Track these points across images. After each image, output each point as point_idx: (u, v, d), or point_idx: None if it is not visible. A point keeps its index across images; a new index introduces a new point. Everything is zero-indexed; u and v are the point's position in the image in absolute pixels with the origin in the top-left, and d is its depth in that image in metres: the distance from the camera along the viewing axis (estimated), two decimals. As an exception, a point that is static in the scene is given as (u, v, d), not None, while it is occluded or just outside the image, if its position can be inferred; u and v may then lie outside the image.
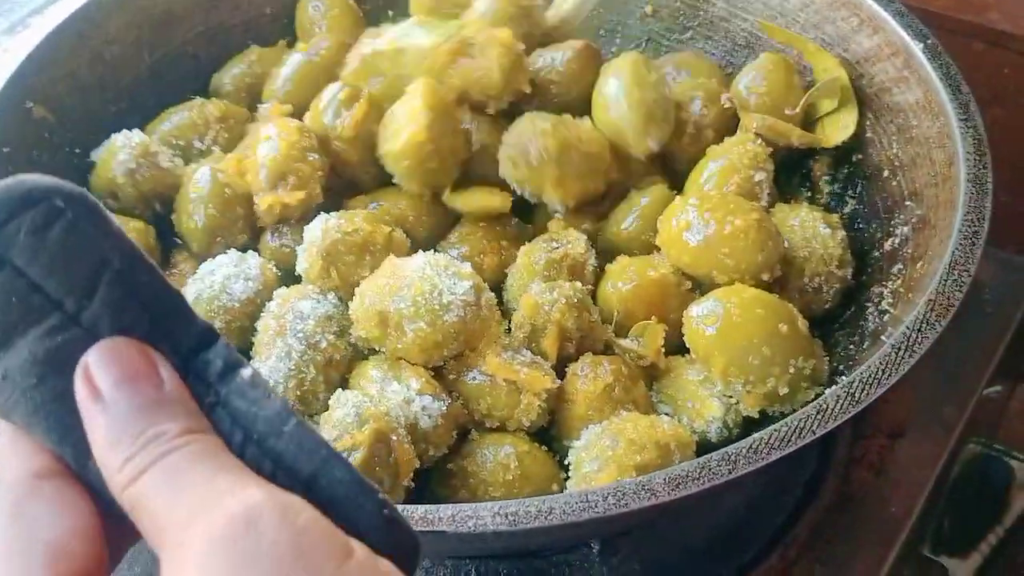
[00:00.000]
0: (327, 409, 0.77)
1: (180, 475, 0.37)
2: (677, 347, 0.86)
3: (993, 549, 1.09)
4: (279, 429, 0.39)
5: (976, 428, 1.03)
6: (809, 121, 1.00)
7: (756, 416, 0.81)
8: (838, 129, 0.98)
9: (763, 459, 0.66)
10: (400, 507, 0.64)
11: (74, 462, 0.40)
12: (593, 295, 0.88)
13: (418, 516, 0.64)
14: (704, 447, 0.80)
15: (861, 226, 0.93)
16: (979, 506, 1.09)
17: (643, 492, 0.65)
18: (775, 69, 0.99)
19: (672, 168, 0.97)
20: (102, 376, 0.39)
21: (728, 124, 0.97)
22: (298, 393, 0.80)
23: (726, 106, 0.96)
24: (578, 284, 0.85)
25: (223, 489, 0.36)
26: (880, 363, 0.71)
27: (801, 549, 0.91)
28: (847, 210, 0.96)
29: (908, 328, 0.72)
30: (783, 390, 0.79)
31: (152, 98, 1.05)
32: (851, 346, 0.84)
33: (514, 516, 0.64)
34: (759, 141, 0.93)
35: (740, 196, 0.89)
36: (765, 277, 0.84)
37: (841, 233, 0.90)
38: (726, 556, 0.91)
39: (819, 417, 0.68)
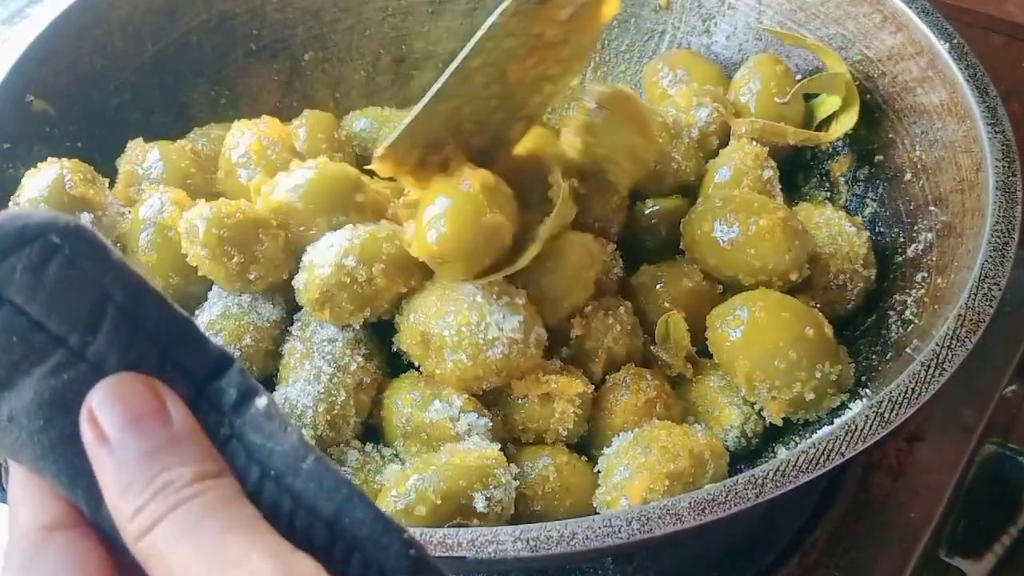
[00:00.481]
0: (357, 437, 0.76)
1: (193, 531, 0.35)
2: (700, 353, 0.85)
3: (1007, 549, 1.07)
4: (297, 466, 0.37)
5: (993, 428, 1.02)
6: (816, 121, 0.98)
7: (780, 423, 0.80)
8: (838, 125, 0.97)
9: (791, 482, 0.65)
10: (416, 530, 0.64)
11: (87, 507, 0.38)
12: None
13: (436, 540, 0.62)
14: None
15: (882, 230, 0.92)
16: (993, 506, 1.08)
17: (668, 517, 0.63)
18: (767, 69, 0.99)
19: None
20: (107, 418, 0.37)
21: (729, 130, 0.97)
22: (328, 418, 0.76)
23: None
24: (628, 306, 0.84)
25: (233, 558, 0.35)
26: (909, 381, 0.69)
27: (819, 556, 0.89)
28: (867, 212, 0.94)
29: (938, 344, 0.71)
30: (809, 396, 0.78)
31: (155, 89, 1.03)
32: (873, 355, 0.82)
33: (535, 542, 0.62)
34: (755, 143, 0.92)
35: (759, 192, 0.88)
36: (794, 277, 0.83)
37: (866, 233, 0.89)
38: (743, 564, 0.90)
39: (848, 438, 0.67)
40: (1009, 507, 1.08)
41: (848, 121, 0.95)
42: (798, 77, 1.00)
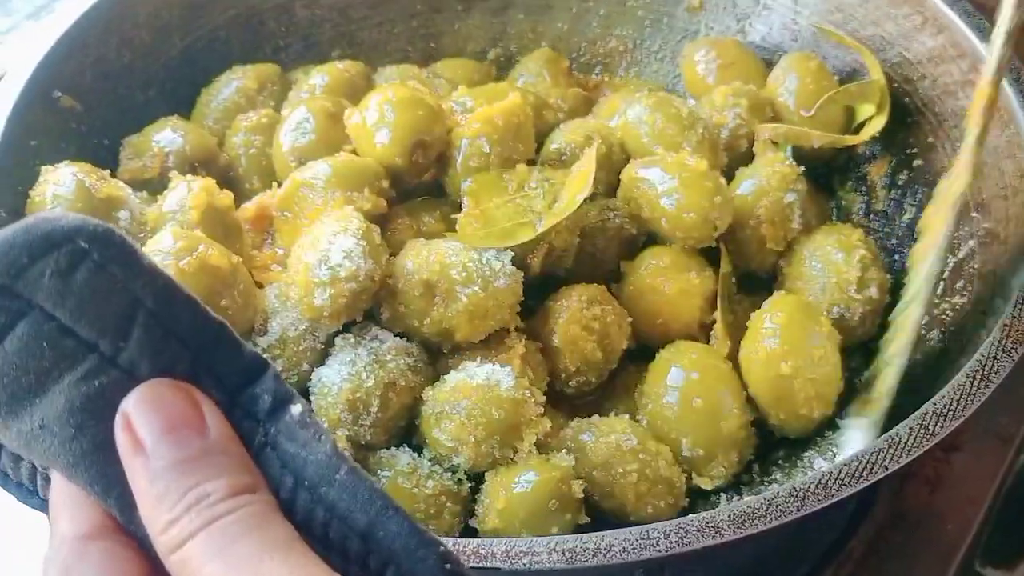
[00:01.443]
0: (378, 428, 0.76)
1: (228, 549, 0.34)
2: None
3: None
4: (331, 477, 0.36)
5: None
6: (854, 124, 0.97)
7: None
8: (868, 128, 0.95)
9: (833, 495, 0.64)
10: (450, 540, 0.62)
11: (120, 514, 0.37)
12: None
13: (471, 551, 0.61)
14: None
15: (922, 235, 0.90)
16: (1025, 516, 1.06)
17: (707, 530, 0.62)
18: (802, 66, 0.98)
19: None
20: (143, 426, 0.36)
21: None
22: (349, 398, 0.75)
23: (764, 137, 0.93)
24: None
25: None
26: (954, 393, 0.68)
27: (855, 567, 0.88)
28: (906, 217, 0.93)
29: (983, 355, 0.69)
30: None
31: (183, 85, 1.02)
32: (916, 366, 0.80)
33: (571, 553, 0.61)
34: (789, 161, 0.90)
35: (771, 219, 0.87)
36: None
37: (859, 252, 0.85)
38: (777, 575, 0.88)
39: (891, 451, 0.65)
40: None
41: (877, 124, 0.94)
42: (834, 78, 0.98)
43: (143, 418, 0.36)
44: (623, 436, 0.76)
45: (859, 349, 0.85)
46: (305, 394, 0.78)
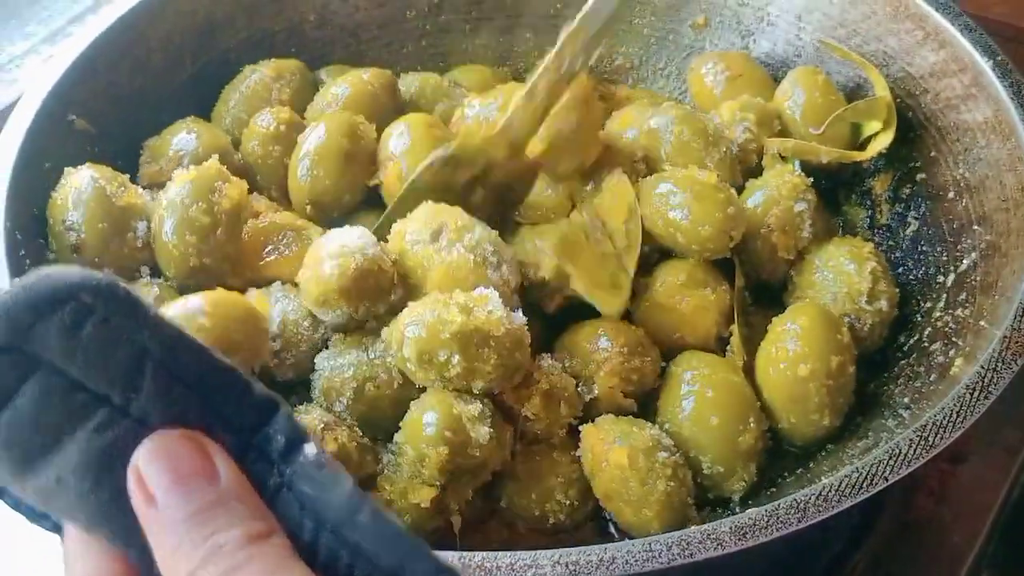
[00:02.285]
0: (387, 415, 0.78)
1: None
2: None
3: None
4: (352, 518, 0.36)
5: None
6: (860, 140, 0.97)
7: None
8: (875, 144, 0.96)
9: (834, 507, 0.64)
10: (455, 554, 0.63)
11: (142, 565, 0.38)
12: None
13: (475, 564, 0.62)
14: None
15: (925, 249, 0.90)
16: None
17: (709, 541, 0.63)
18: (809, 80, 0.99)
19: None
20: (153, 478, 0.36)
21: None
22: (354, 385, 0.78)
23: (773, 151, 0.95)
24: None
25: None
26: (954, 404, 0.68)
27: (860, 580, 0.88)
28: (909, 231, 0.93)
29: (983, 367, 0.70)
30: None
31: (194, 107, 1.03)
32: (916, 378, 0.81)
33: (575, 566, 0.62)
34: (798, 172, 0.91)
35: (782, 228, 0.88)
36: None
37: (871, 264, 0.86)
38: (782, 587, 0.89)
39: (891, 463, 0.66)
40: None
41: (884, 140, 0.94)
42: (839, 93, 0.99)
43: (153, 471, 0.36)
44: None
45: (863, 362, 0.85)
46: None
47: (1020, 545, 0.98)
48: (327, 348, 0.82)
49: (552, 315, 0.86)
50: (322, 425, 0.76)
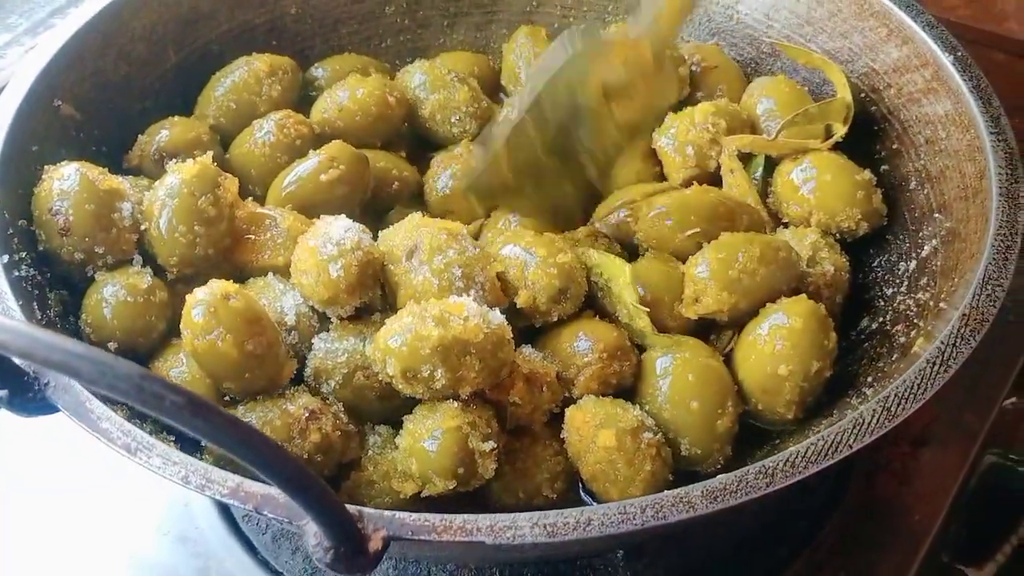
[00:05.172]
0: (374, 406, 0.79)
1: None
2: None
3: (1009, 558, 1.09)
4: None
5: (994, 439, 1.03)
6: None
7: None
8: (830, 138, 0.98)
9: (800, 473, 0.67)
10: (436, 516, 0.65)
11: None
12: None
13: (456, 526, 0.64)
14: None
15: (888, 237, 0.94)
16: (995, 516, 1.09)
17: (681, 504, 0.65)
18: (781, 90, 1.02)
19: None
20: None
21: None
22: (344, 371, 0.80)
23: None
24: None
25: None
26: (915, 377, 0.71)
27: (826, 556, 0.91)
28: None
29: (943, 343, 0.73)
30: None
31: (178, 96, 1.06)
32: (879, 359, 0.84)
33: (552, 527, 0.64)
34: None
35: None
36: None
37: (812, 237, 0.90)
38: (751, 561, 0.91)
39: (855, 431, 0.69)
40: (1011, 516, 1.10)
41: (840, 132, 0.97)
42: (805, 88, 1.03)
43: None
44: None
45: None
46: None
47: (977, 525, 1.01)
48: (327, 331, 0.83)
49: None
50: (307, 414, 0.77)
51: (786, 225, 0.94)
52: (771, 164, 0.98)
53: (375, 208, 0.99)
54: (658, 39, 0.88)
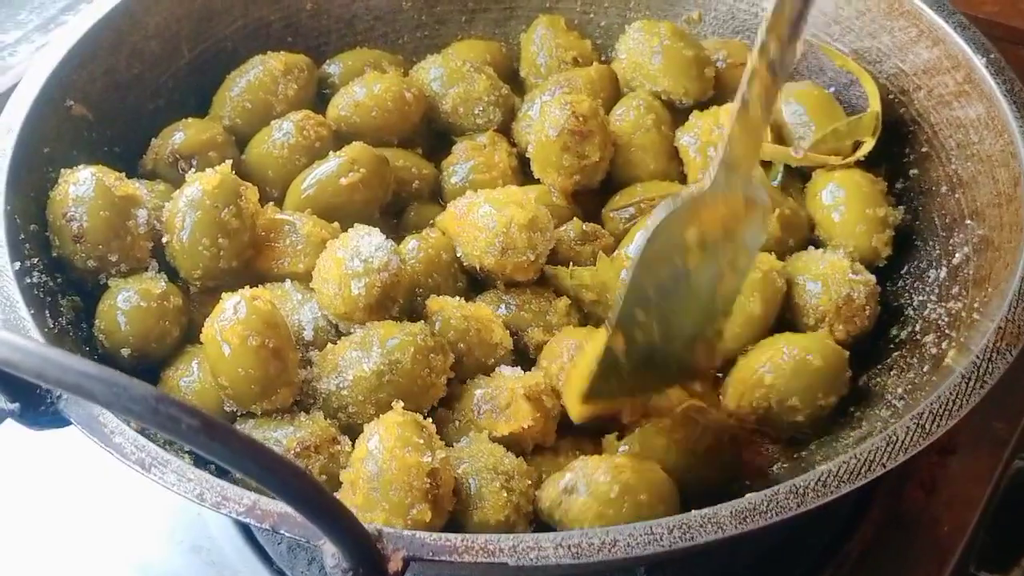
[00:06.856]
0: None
1: None
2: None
3: (1035, 566, 1.07)
4: None
5: (1022, 445, 1.01)
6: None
7: None
8: (859, 150, 0.96)
9: (832, 492, 0.65)
10: (458, 536, 0.63)
11: None
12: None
13: (478, 547, 0.62)
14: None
15: (918, 243, 0.92)
16: (1021, 522, 1.08)
17: (709, 525, 0.63)
18: (811, 96, 1.00)
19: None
20: None
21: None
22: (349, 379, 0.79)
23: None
24: None
25: None
26: (950, 393, 0.69)
27: (852, 569, 0.89)
28: (901, 226, 0.94)
29: (978, 357, 0.71)
30: None
31: (191, 95, 1.04)
32: (910, 370, 0.82)
33: (577, 548, 0.62)
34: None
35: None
36: None
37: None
38: (775, 574, 0.90)
39: (889, 450, 0.67)
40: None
41: (866, 147, 0.95)
42: (831, 90, 1.00)
43: None
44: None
45: (856, 355, 0.85)
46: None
47: (1007, 535, 0.99)
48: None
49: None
50: (298, 449, 0.76)
51: (816, 246, 0.93)
52: (790, 169, 0.97)
53: (392, 207, 0.97)
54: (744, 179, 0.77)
